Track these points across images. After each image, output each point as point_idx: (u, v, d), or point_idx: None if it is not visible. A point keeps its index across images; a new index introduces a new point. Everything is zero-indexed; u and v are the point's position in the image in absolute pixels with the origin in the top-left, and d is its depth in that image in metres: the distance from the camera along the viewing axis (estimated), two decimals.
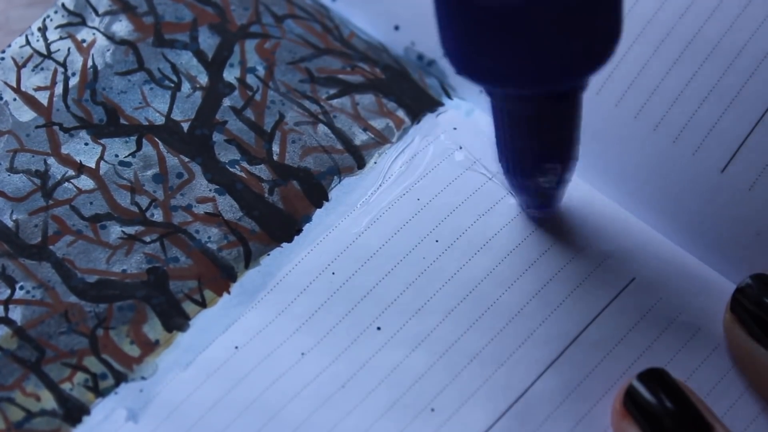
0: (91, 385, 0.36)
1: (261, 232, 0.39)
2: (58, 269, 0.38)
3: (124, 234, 0.38)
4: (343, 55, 0.42)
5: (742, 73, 0.41)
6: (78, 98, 0.40)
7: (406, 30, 0.43)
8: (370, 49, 0.42)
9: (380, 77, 0.41)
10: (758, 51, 0.40)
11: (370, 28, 0.43)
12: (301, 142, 0.40)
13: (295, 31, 0.42)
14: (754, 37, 0.41)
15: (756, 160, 0.40)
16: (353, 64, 0.42)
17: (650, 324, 0.37)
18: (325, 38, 0.42)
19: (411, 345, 0.37)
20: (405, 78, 0.42)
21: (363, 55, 0.42)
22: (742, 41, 0.41)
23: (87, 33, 0.41)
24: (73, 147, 0.40)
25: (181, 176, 0.39)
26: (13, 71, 0.41)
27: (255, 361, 0.37)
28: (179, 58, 0.41)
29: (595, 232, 0.39)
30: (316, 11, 0.43)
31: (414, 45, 0.43)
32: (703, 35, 0.41)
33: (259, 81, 0.41)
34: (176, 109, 0.40)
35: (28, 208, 0.39)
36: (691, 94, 0.41)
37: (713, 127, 0.40)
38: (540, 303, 0.38)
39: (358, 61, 0.42)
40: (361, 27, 0.44)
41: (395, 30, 0.43)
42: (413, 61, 0.43)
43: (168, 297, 0.38)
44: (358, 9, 0.44)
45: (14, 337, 0.37)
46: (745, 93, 0.40)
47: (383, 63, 0.42)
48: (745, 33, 0.41)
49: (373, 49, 0.42)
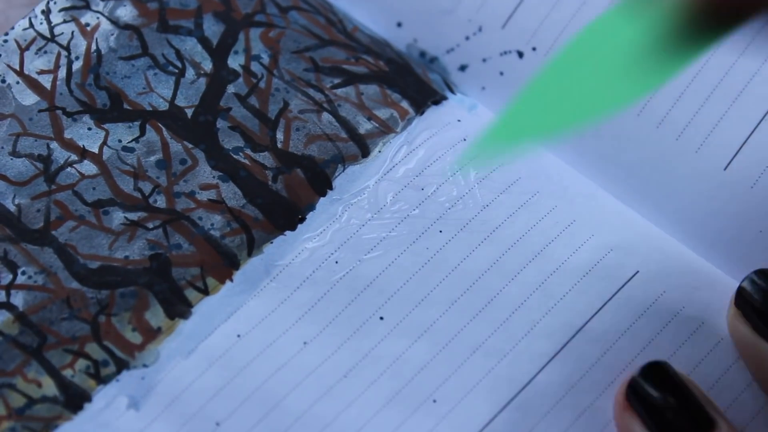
0: (93, 372, 0.36)
1: (264, 220, 0.39)
2: (61, 255, 0.37)
3: (127, 220, 0.38)
4: (348, 47, 0.42)
5: (745, 72, 0.41)
6: (81, 82, 0.40)
7: (408, 27, 0.43)
8: (373, 43, 0.42)
9: (384, 69, 0.41)
10: (762, 50, 0.40)
11: (372, 24, 0.43)
12: (305, 130, 0.40)
13: (300, 22, 0.42)
14: (758, 37, 0.41)
15: (759, 158, 0.40)
16: (357, 56, 0.41)
17: (653, 317, 0.37)
18: (329, 30, 0.42)
19: (414, 335, 0.37)
20: (408, 72, 0.42)
21: (367, 48, 0.42)
22: (745, 41, 0.41)
23: (91, 17, 0.41)
24: (76, 132, 0.39)
25: (184, 162, 0.39)
26: (17, 54, 0.40)
27: (257, 350, 0.37)
28: (184, 44, 0.41)
29: (598, 226, 0.39)
30: (320, 5, 0.43)
31: (416, 42, 0.43)
32: None
33: (264, 69, 0.41)
34: (180, 95, 0.40)
35: (31, 193, 0.38)
36: (694, 92, 0.41)
37: (716, 125, 0.40)
38: (543, 295, 0.38)
39: (363, 54, 0.42)
40: (363, 24, 0.44)
41: (398, 27, 0.43)
42: (415, 58, 0.43)
43: (170, 284, 0.37)
44: (361, 5, 0.44)
45: (16, 323, 0.36)
46: (748, 91, 0.40)
47: (387, 57, 0.42)
48: (749, 31, 0.41)
49: (377, 43, 0.42)
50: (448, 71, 0.43)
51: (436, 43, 0.43)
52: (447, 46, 0.43)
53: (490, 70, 0.42)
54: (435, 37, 0.43)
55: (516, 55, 0.42)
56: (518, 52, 0.42)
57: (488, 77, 0.42)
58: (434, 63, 0.43)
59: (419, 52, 0.43)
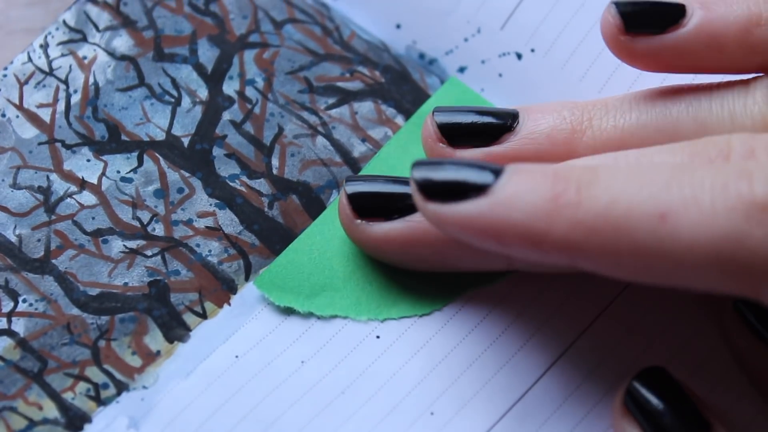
0: (93, 395, 0.37)
1: (261, 246, 0.39)
2: (61, 282, 0.38)
3: (126, 248, 0.39)
4: (343, 60, 0.42)
5: None
6: (80, 115, 0.41)
7: (407, 29, 0.44)
8: (370, 50, 0.43)
9: (380, 81, 0.42)
10: None
11: (371, 27, 0.44)
12: (300, 155, 0.41)
13: (294, 37, 0.43)
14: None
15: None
16: (353, 69, 0.42)
17: (650, 323, 0.38)
18: (324, 42, 0.43)
19: (410, 352, 0.37)
20: (405, 79, 0.42)
21: (363, 57, 0.42)
22: None
23: (88, 49, 0.42)
24: (75, 163, 0.40)
25: (181, 191, 0.40)
26: (16, 88, 0.41)
27: (255, 370, 0.37)
28: (179, 72, 0.42)
29: None
30: (317, 12, 0.43)
31: (415, 44, 0.43)
32: None
33: (258, 93, 0.42)
34: (177, 124, 0.41)
35: (31, 223, 0.39)
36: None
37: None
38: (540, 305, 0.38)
39: (358, 65, 0.42)
40: (362, 26, 0.44)
41: (397, 29, 0.44)
42: (414, 60, 0.43)
43: (169, 309, 0.38)
44: (360, 8, 0.44)
45: (17, 348, 0.37)
46: None
47: (383, 64, 0.42)
48: None
49: (374, 50, 0.43)
50: (447, 73, 0.43)
51: (435, 45, 0.43)
52: (446, 47, 0.43)
53: (488, 71, 0.43)
54: (434, 39, 0.43)
55: (515, 56, 0.43)
56: (517, 54, 0.43)
57: (487, 79, 0.42)
58: (433, 65, 0.43)
59: (418, 54, 0.43)
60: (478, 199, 0.32)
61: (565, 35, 0.43)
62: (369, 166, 0.40)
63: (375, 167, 0.40)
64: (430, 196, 0.33)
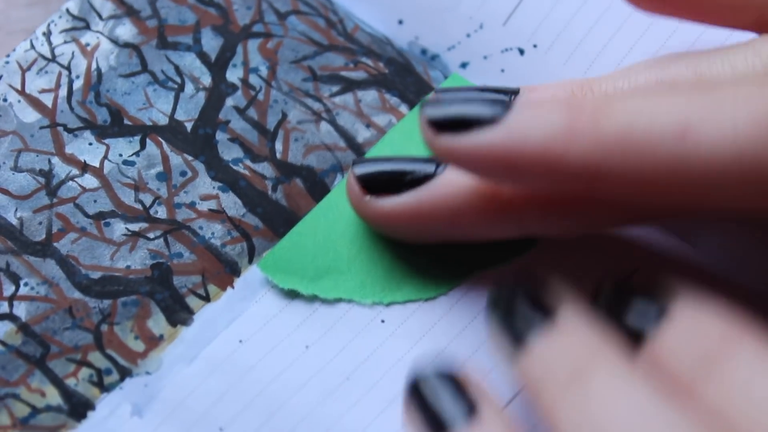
0: (96, 381, 0.36)
1: (264, 228, 0.39)
2: (63, 266, 0.38)
3: (128, 231, 0.39)
4: (347, 51, 0.42)
5: None
6: (82, 100, 0.41)
7: (410, 24, 0.44)
8: (374, 43, 0.42)
9: (383, 72, 0.42)
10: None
11: (374, 22, 0.44)
12: (304, 140, 0.40)
13: (298, 28, 0.42)
14: None
15: None
16: (356, 60, 0.42)
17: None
18: (328, 34, 0.42)
19: (415, 337, 0.37)
20: (409, 71, 0.42)
21: (367, 49, 0.42)
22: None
23: (91, 37, 0.42)
24: (77, 147, 0.40)
25: (184, 174, 0.40)
26: (18, 74, 0.41)
27: (259, 355, 0.37)
28: (182, 59, 0.42)
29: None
30: (320, 5, 0.43)
31: (418, 39, 0.43)
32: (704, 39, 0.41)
33: (262, 81, 0.41)
34: (180, 110, 0.41)
35: (33, 206, 0.39)
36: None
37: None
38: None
39: (362, 56, 0.42)
40: (365, 21, 0.44)
41: (399, 24, 0.44)
42: (417, 55, 0.43)
43: (172, 292, 0.38)
44: (363, 4, 0.44)
45: (19, 333, 0.37)
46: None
47: (387, 56, 0.42)
48: None
49: (377, 43, 0.43)
50: (449, 68, 0.43)
51: (437, 41, 0.43)
52: (448, 43, 0.43)
53: (491, 67, 0.42)
54: (436, 35, 0.43)
55: (517, 52, 0.42)
56: (519, 50, 0.42)
57: (489, 74, 0.42)
58: (435, 60, 0.43)
59: (420, 50, 0.43)
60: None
61: (567, 31, 0.42)
62: (374, 150, 0.40)
63: (380, 151, 0.40)
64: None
